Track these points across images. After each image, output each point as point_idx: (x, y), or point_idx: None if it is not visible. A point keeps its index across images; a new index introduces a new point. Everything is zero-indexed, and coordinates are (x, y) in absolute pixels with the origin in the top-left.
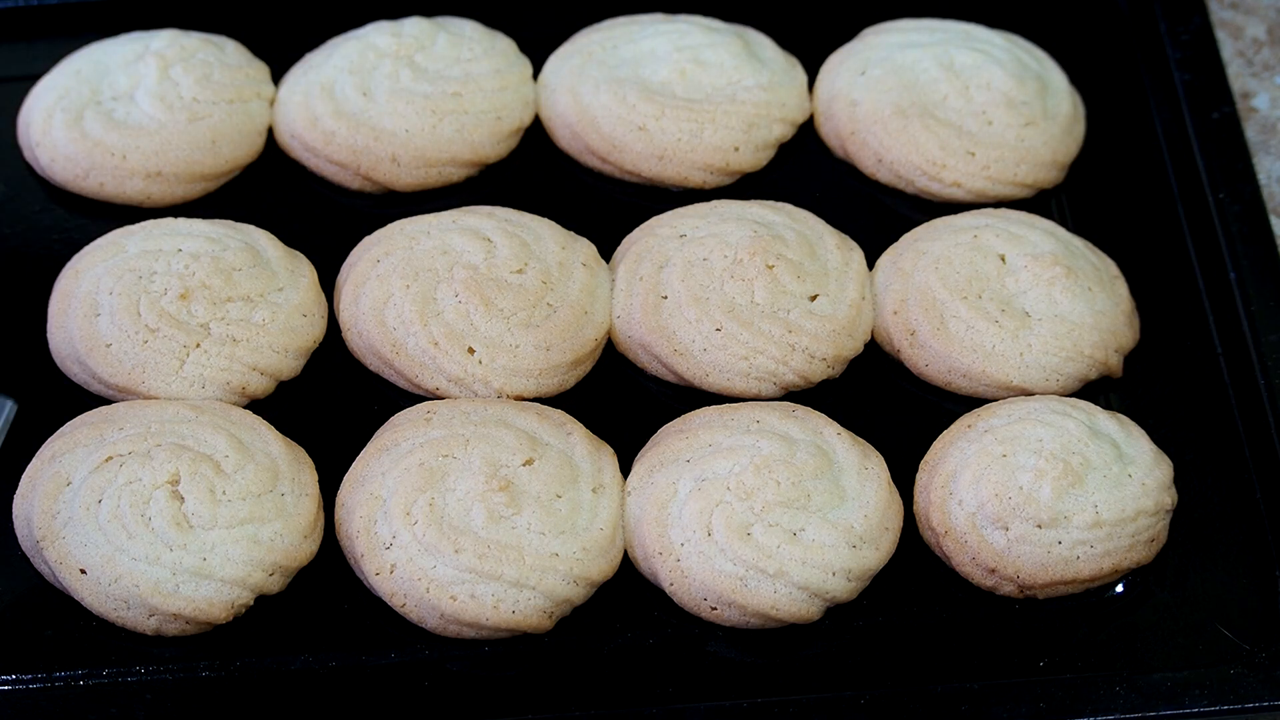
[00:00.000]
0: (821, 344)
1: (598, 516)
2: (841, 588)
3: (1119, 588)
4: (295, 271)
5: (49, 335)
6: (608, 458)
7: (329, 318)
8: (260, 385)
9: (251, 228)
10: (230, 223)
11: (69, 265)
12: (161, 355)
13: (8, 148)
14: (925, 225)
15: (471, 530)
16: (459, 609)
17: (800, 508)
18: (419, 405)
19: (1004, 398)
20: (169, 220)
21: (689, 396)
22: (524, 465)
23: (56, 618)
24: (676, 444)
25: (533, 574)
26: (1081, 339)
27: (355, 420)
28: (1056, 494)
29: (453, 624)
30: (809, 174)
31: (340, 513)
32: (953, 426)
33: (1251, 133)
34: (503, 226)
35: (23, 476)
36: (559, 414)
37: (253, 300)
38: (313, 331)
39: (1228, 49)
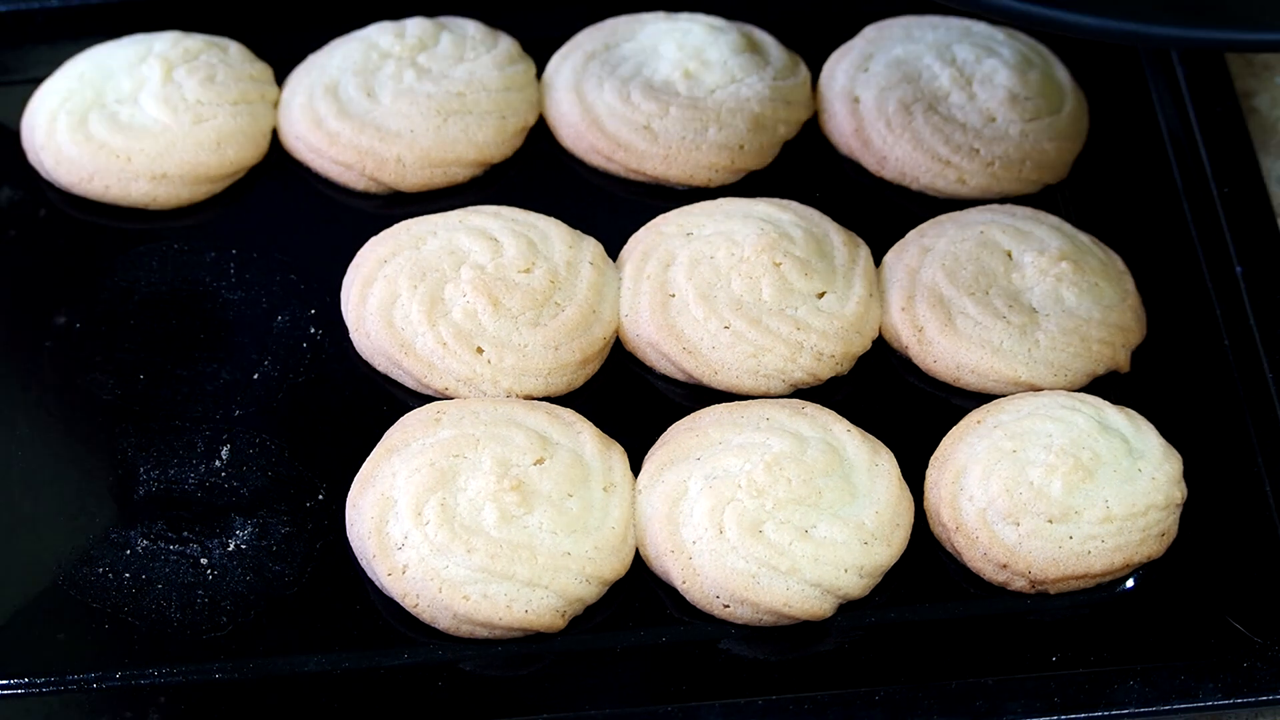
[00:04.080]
0: (830, 341)
1: (609, 515)
2: (853, 584)
3: (1130, 582)
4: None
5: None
6: (618, 456)
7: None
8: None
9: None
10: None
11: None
12: None
13: (12, 151)
14: (931, 222)
15: (483, 530)
16: (472, 609)
17: (811, 505)
18: (428, 406)
19: (1012, 393)
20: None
21: (698, 394)
22: (535, 465)
23: (68, 621)
24: (686, 442)
25: (545, 573)
26: (1089, 334)
27: (364, 421)
28: (1067, 489)
29: (465, 624)
30: (814, 171)
31: (351, 514)
32: (962, 422)
33: (1252, 132)
34: (510, 226)
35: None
36: (568, 413)
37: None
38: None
39: None
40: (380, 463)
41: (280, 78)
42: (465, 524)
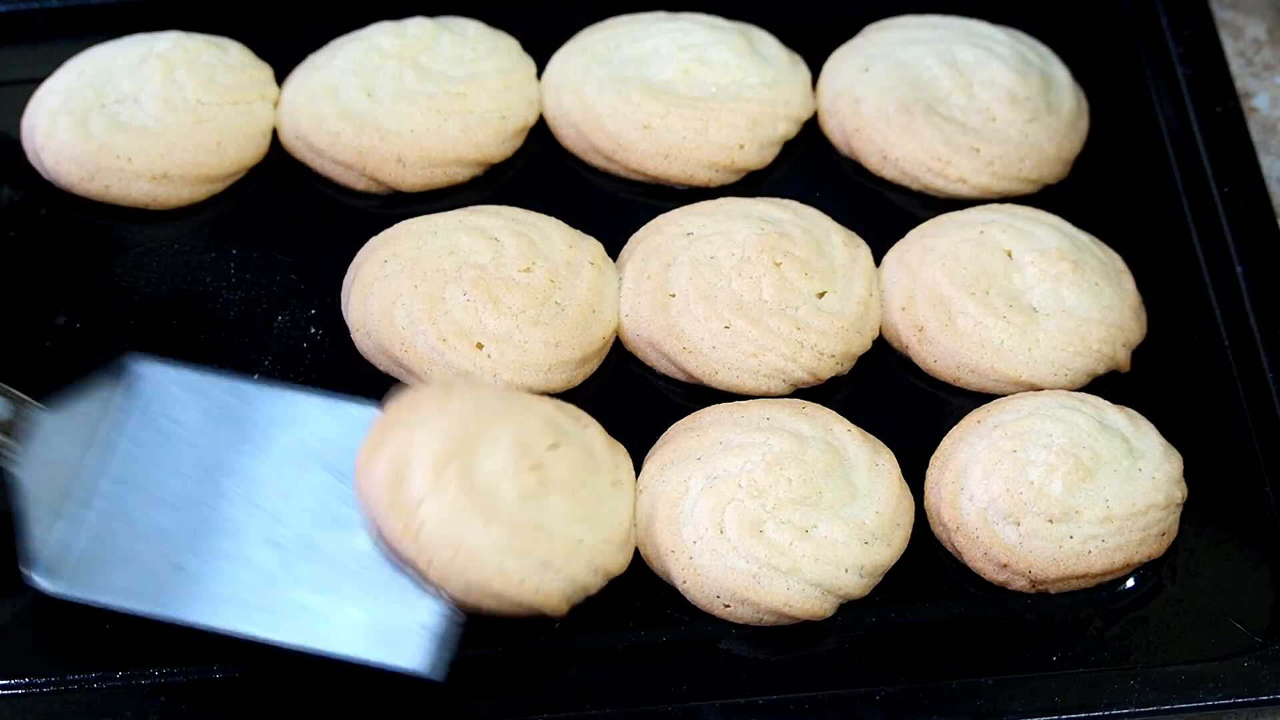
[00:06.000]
0: (830, 340)
1: (617, 510)
2: (854, 584)
3: (1130, 581)
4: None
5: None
6: (622, 456)
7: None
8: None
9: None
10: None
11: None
12: None
13: (13, 151)
14: (931, 221)
15: (504, 504)
16: (486, 579)
17: (812, 504)
18: (434, 385)
19: (1012, 393)
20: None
21: (698, 394)
22: (551, 449)
23: (69, 621)
24: (687, 442)
25: (559, 556)
26: (1089, 334)
27: None
28: (1067, 489)
29: (475, 593)
30: (814, 171)
31: (361, 463)
32: (962, 422)
33: (1252, 133)
34: (510, 226)
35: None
36: (573, 409)
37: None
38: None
39: (1228, 49)
40: (394, 424)
41: (280, 78)
42: (486, 494)
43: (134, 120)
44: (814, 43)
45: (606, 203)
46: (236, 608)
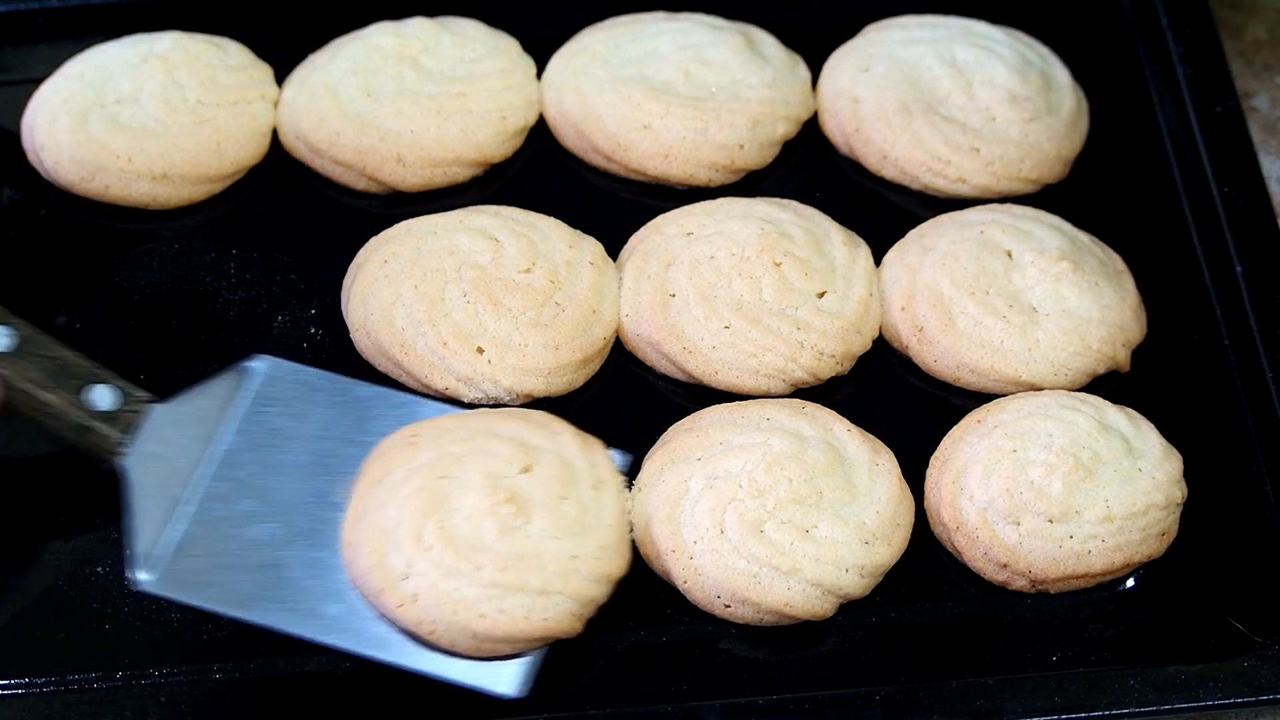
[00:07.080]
0: (830, 340)
1: (604, 513)
2: (854, 584)
3: (1130, 581)
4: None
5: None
6: (599, 452)
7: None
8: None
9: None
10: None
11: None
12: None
13: (12, 151)
14: (931, 221)
15: (487, 545)
16: (491, 626)
17: (812, 505)
18: (400, 432)
19: (1012, 393)
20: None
21: (698, 394)
22: (522, 473)
23: (69, 621)
24: (687, 442)
25: (556, 579)
26: (1089, 334)
27: None
28: (1067, 489)
29: (486, 642)
30: (814, 171)
31: (348, 553)
32: (962, 422)
33: (1252, 133)
34: (510, 226)
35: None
36: (542, 415)
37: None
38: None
39: (1228, 49)
40: (366, 495)
41: (280, 78)
42: (468, 542)
43: (134, 120)
44: (814, 43)
45: (606, 203)
46: (333, 620)
